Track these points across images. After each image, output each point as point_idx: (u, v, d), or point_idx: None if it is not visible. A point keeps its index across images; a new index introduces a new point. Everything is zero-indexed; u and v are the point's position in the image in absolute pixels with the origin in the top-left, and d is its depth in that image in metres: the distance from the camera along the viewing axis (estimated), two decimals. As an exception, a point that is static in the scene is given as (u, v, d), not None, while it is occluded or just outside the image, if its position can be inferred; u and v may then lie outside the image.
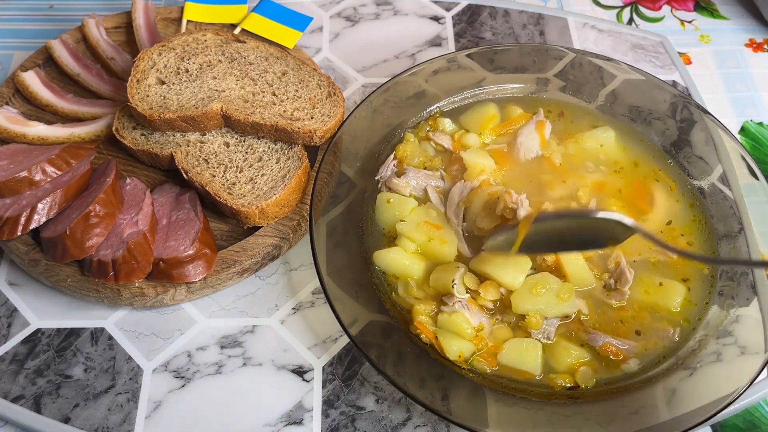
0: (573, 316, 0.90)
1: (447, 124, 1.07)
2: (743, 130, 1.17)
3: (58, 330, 0.94)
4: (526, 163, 1.02)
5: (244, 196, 0.96)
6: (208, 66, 1.06)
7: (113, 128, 1.03)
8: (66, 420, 0.87)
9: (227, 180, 0.98)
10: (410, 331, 0.89)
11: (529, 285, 0.89)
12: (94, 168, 1.00)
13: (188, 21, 1.19)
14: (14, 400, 0.88)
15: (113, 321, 0.95)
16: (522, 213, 0.90)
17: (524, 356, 0.87)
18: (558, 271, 0.92)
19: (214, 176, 0.98)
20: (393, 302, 0.92)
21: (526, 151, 1.03)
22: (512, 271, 0.89)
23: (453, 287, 0.89)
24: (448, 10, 1.30)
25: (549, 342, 0.88)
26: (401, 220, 0.96)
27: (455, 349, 0.87)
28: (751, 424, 0.90)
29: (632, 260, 0.94)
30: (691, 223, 0.98)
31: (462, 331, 0.88)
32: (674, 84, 1.20)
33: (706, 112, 1.04)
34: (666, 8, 1.34)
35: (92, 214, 0.90)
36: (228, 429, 0.87)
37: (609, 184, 1.01)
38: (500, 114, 1.08)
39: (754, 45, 1.28)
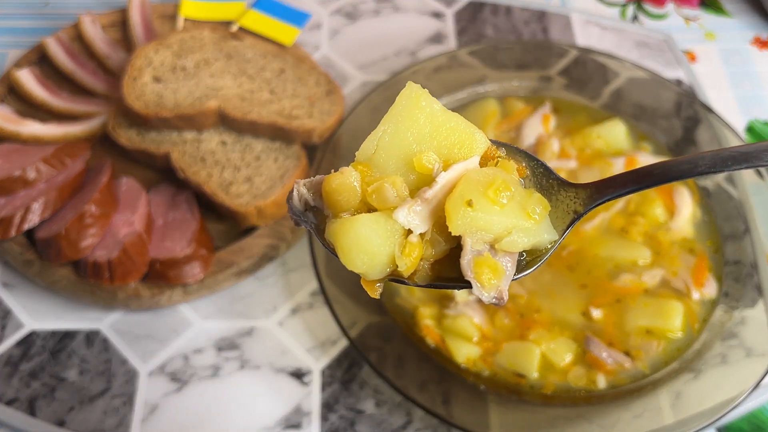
0: (546, 252, 0.54)
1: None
2: (750, 130, 1.15)
3: (53, 332, 0.93)
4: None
5: (242, 195, 0.95)
6: (205, 63, 1.04)
7: (108, 127, 1.01)
8: (61, 423, 0.86)
9: (224, 179, 0.97)
10: (411, 333, 0.88)
11: (480, 182, 0.52)
12: (89, 167, 0.98)
13: (185, 18, 1.18)
14: (8, 403, 0.87)
15: (108, 323, 0.93)
16: None
17: (521, 358, 0.86)
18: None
19: (211, 176, 0.97)
20: (393, 304, 0.91)
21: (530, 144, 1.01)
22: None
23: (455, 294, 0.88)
24: (449, 6, 1.28)
25: (497, 304, 0.53)
26: None
27: (464, 352, 0.86)
28: (756, 427, 0.89)
29: (616, 300, 0.91)
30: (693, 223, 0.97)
31: (468, 335, 0.87)
32: (679, 82, 1.19)
33: (710, 111, 1.02)
34: (670, 5, 1.32)
35: (87, 214, 0.89)
36: (225, 433, 0.86)
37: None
38: (500, 109, 1.07)
39: (760, 43, 1.26)
